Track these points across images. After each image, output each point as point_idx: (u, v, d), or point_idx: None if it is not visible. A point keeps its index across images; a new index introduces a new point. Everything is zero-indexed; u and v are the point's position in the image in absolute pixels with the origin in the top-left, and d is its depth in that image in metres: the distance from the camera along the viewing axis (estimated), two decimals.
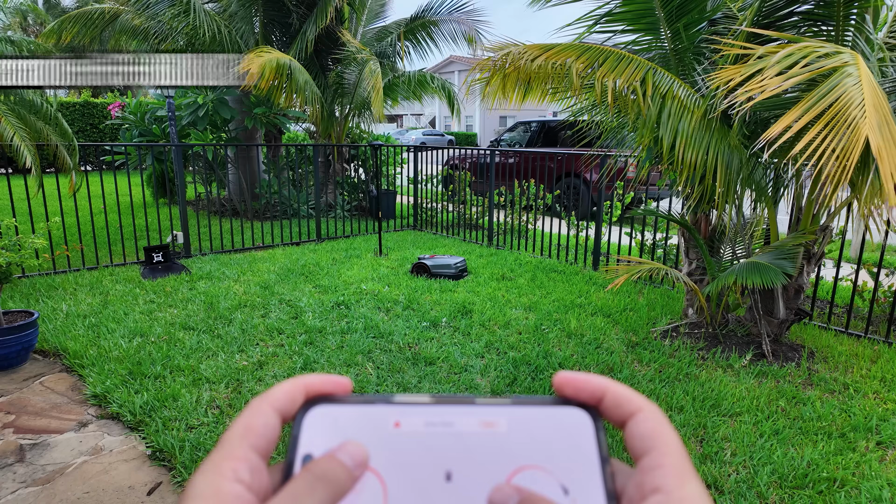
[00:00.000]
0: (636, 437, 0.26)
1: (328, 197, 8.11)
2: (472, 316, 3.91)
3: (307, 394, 0.28)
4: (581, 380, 0.28)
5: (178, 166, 5.52)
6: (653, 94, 2.94)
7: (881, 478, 2.20)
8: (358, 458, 0.26)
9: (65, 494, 2.09)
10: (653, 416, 0.26)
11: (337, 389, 0.29)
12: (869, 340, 3.58)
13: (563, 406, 0.28)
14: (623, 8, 3.25)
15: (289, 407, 0.27)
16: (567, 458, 0.26)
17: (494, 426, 0.27)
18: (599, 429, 0.27)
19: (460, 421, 0.27)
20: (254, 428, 0.26)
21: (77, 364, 3.10)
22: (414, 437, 0.27)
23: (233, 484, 0.24)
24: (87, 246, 5.48)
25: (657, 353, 3.32)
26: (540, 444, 0.27)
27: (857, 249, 2.62)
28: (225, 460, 0.25)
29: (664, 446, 0.25)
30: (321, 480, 0.24)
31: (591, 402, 0.28)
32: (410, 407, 0.27)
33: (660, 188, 6.37)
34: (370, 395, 0.28)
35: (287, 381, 0.28)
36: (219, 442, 0.26)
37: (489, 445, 0.27)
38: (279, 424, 0.27)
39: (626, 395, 0.27)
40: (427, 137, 28.43)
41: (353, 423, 0.27)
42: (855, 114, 2.07)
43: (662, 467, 0.24)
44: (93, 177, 10.80)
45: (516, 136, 10.62)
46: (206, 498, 0.23)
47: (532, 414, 0.27)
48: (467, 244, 6.45)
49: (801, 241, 3.08)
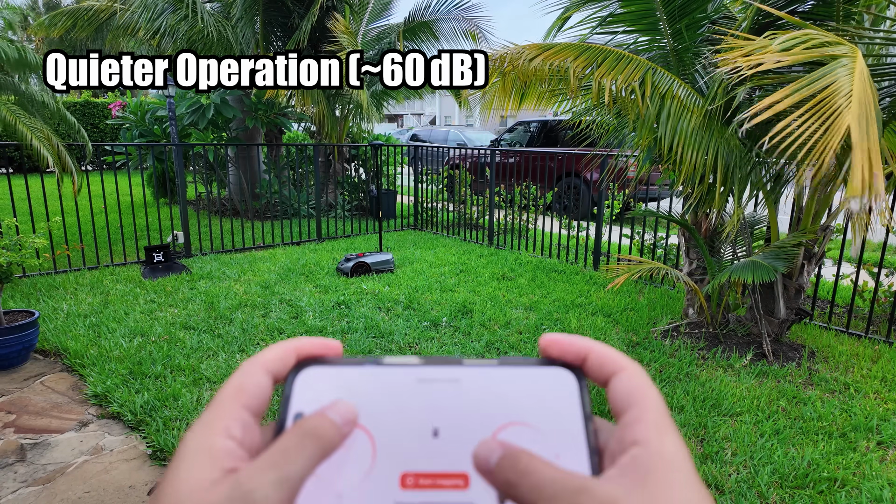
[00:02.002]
0: (618, 394, 0.26)
1: (329, 197, 8.11)
2: (473, 316, 3.91)
3: (298, 356, 0.29)
4: (566, 341, 0.28)
5: (179, 166, 5.52)
6: (652, 94, 2.94)
7: (882, 478, 2.20)
8: (347, 416, 0.26)
9: (65, 494, 2.09)
10: (635, 374, 0.27)
11: (328, 352, 0.29)
12: (869, 340, 3.58)
13: (549, 366, 0.28)
14: (624, 9, 3.25)
15: (280, 368, 0.28)
16: (551, 415, 0.27)
17: (481, 385, 0.28)
18: (583, 388, 0.28)
19: (447, 380, 0.28)
20: (245, 388, 0.26)
21: (78, 364, 3.10)
22: (402, 395, 0.27)
23: (225, 440, 0.24)
24: (87, 245, 5.48)
25: (657, 352, 3.32)
26: (525, 402, 0.27)
27: (858, 249, 2.63)
28: (217, 419, 0.25)
29: (644, 402, 0.26)
30: (310, 436, 0.25)
31: (575, 362, 0.28)
32: (399, 368, 0.28)
33: (659, 186, 6.36)
34: (360, 357, 0.29)
35: (278, 343, 0.29)
36: (211, 402, 0.26)
37: (475, 404, 0.27)
38: (271, 385, 0.27)
39: (609, 355, 0.28)
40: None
41: (344, 383, 0.28)
42: (841, 102, 2.09)
43: (642, 422, 0.25)
44: (93, 176, 10.81)
45: (516, 136, 10.62)
46: (199, 453, 0.24)
47: (518, 374, 0.28)
48: (467, 244, 6.45)
49: (801, 240, 3.08)
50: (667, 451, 0.24)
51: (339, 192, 8.08)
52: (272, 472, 0.23)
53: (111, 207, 6.75)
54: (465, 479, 0.26)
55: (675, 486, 0.23)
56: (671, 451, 0.24)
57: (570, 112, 3.74)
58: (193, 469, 0.23)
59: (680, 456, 0.24)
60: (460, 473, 0.26)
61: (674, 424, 0.25)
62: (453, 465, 0.26)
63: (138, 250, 5.45)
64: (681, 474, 0.23)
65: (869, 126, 2.01)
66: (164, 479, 0.24)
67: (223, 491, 0.23)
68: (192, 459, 0.24)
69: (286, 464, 0.24)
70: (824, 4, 2.90)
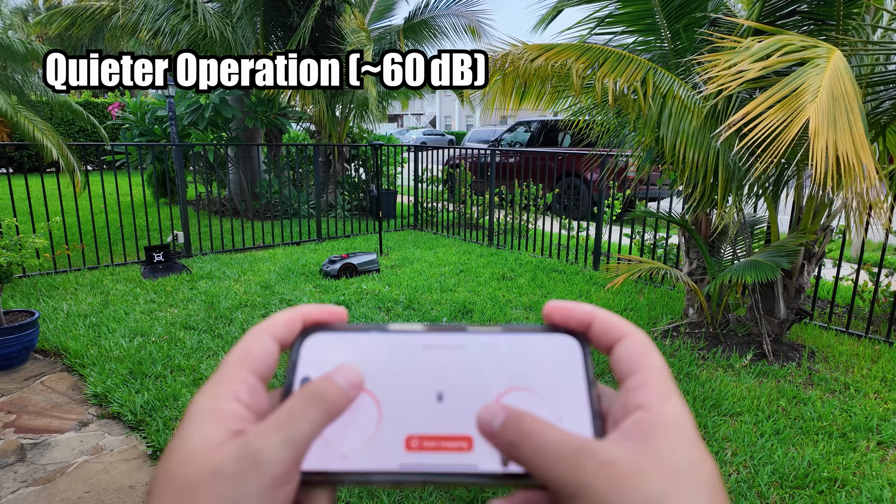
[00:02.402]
0: (622, 359, 0.26)
1: (329, 197, 8.11)
2: (473, 315, 3.91)
3: (305, 322, 0.29)
4: (570, 308, 0.29)
5: (179, 166, 5.52)
6: (653, 94, 2.94)
7: (882, 478, 2.20)
8: (353, 380, 0.26)
9: (65, 494, 2.09)
10: (639, 340, 0.27)
11: (333, 318, 0.29)
12: (869, 340, 3.58)
13: (552, 333, 0.29)
14: (623, 10, 3.25)
15: (286, 335, 0.28)
16: (555, 380, 0.27)
17: (485, 352, 0.28)
18: (587, 354, 0.28)
19: (452, 347, 0.28)
20: (252, 353, 0.27)
21: (78, 364, 3.10)
22: (407, 361, 0.28)
23: (232, 403, 0.25)
24: (87, 245, 5.48)
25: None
26: (529, 367, 0.28)
27: (858, 249, 2.62)
28: (224, 383, 0.26)
29: (647, 366, 0.26)
30: (316, 399, 0.25)
31: (579, 329, 0.28)
32: (404, 335, 0.29)
33: (659, 186, 6.36)
34: (365, 324, 0.29)
35: (285, 310, 0.29)
36: (218, 367, 0.27)
37: (479, 369, 0.28)
38: (277, 350, 0.28)
39: (613, 321, 0.28)
40: (427, 137, 28.43)
41: (350, 348, 0.28)
42: (805, 99, 2.15)
43: (645, 386, 0.25)
44: (93, 176, 10.81)
45: (517, 136, 10.62)
46: (207, 415, 0.24)
47: (522, 340, 0.28)
48: (468, 244, 6.45)
49: (801, 240, 3.08)
50: (668, 413, 0.24)
51: (339, 192, 8.08)
52: (279, 433, 0.24)
53: (111, 207, 6.75)
54: (469, 441, 0.26)
55: (676, 447, 0.23)
56: (673, 414, 0.24)
57: (570, 111, 3.74)
58: (201, 430, 0.24)
59: (682, 418, 0.24)
60: (464, 436, 0.26)
61: (677, 388, 0.25)
62: (457, 429, 0.27)
63: (138, 250, 5.45)
64: (682, 435, 0.24)
65: (840, 116, 2.05)
66: (171, 440, 0.24)
67: (231, 450, 0.23)
68: (200, 421, 0.24)
69: (293, 425, 0.24)
70: (824, 4, 2.90)
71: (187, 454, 0.23)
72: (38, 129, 4.12)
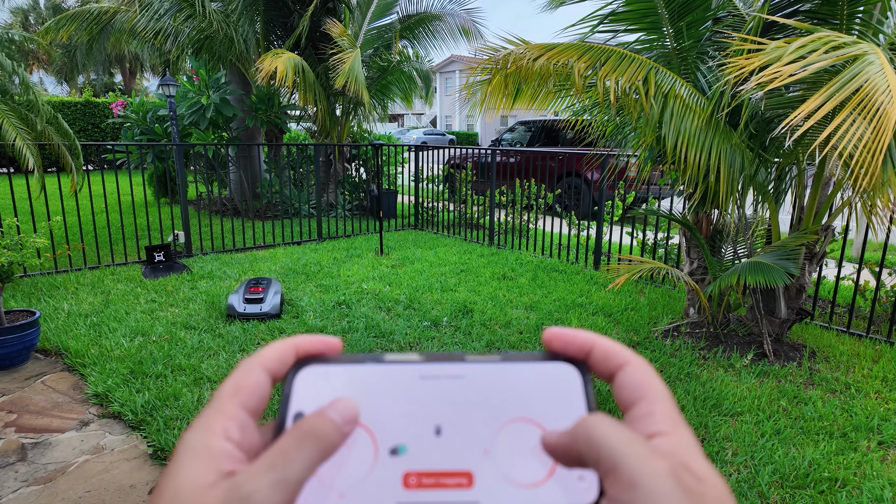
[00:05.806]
0: (625, 388, 0.26)
1: (329, 196, 8.11)
2: (473, 315, 3.91)
3: (298, 354, 0.28)
4: (569, 335, 0.28)
5: (180, 165, 5.52)
6: (655, 94, 2.94)
7: (882, 478, 2.19)
8: (348, 415, 0.26)
9: (66, 493, 2.09)
10: (641, 367, 0.27)
11: (327, 349, 0.29)
12: (871, 340, 3.57)
13: (552, 361, 0.28)
14: (626, 7, 3.25)
15: (279, 367, 0.27)
16: (555, 410, 0.27)
17: (484, 382, 0.27)
18: (587, 382, 0.27)
19: (450, 377, 0.27)
20: (244, 387, 0.26)
21: (78, 363, 3.10)
22: (404, 393, 0.27)
23: (223, 441, 0.24)
24: (88, 245, 5.48)
25: (658, 352, 3.32)
26: (529, 397, 0.27)
27: (859, 249, 2.61)
28: (215, 418, 0.25)
29: (653, 395, 0.26)
30: (310, 436, 0.25)
31: (579, 356, 0.28)
32: (401, 365, 0.28)
33: (660, 186, 6.35)
34: (360, 354, 0.28)
35: (277, 341, 0.28)
36: (209, 401, 0.26)
37: (478, 400, 0.27)
38: (269, 384, 0.27)
39: (613, 348, 0.27)
40: (428, 137, 28.44)
41: (344, 381, 0.27)
42: (882, 99, 2.02)
43: (654, 414, 0.25)
44: (94, 176, 10.82)
45: (518, 136, 10.61)
46: (197, 453, 0.24)
47: (521, 369, 0.28)
48: (468, 244, 6.45)
49: (803, 240, 3.08)
50: (683, 442, 0.24)
51: (339, 192, 8.08)
52: (271, 473, 0.23)
53: (112, 207, 6.75)
54: (469, 477, 0.26)
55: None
56: (687, 442, 0.24)
57: (570, 111, 3.73)
58: (191, 471, 0.23)
59: (693, 449, 0.24)
60: (464, 472, 0.26)
61: (683, 416, 0.25)
62: (457, 464, 0.26)
63: (139, 250, 5.45)
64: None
65: None
66: (162, 479, 0.24)
67: (221, 493, 0.22)
68: (190, 461, 0.24)
69: (285, 465, 0.23)
70: (828, 4, 2.89)
71: (177, 496, 0.23)
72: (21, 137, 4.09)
